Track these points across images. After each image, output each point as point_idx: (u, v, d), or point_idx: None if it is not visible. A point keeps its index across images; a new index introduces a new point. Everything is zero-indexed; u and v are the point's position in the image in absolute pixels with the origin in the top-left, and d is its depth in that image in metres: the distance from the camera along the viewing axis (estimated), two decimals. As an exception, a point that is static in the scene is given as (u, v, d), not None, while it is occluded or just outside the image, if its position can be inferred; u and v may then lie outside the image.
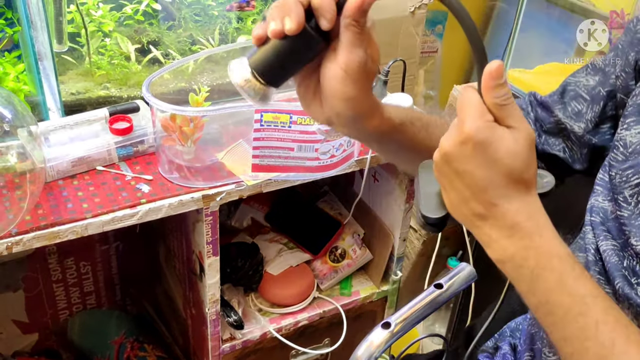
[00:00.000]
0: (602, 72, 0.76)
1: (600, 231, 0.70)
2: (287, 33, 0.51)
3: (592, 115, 0.77)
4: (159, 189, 0.94)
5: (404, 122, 0.67)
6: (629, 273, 0.65)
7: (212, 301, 1.07)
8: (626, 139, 0.68)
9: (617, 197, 0.67)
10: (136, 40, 1.14)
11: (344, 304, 1.27)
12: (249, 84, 0.53)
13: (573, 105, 0.78)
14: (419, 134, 0.69)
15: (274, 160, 0.97)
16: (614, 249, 0.67)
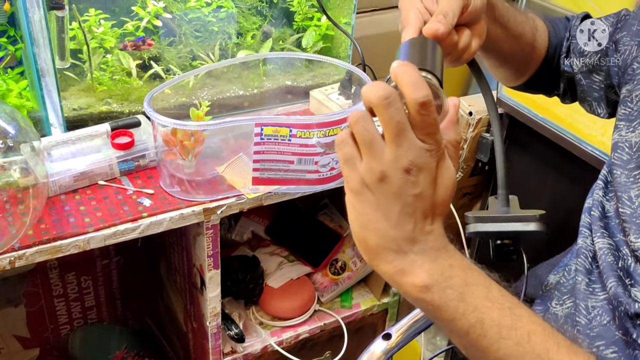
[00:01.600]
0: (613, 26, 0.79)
1: (597, 227, 0.70)
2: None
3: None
4: (160, 203, 0.95)
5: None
6: (624, 274, 0.66)
7: (213, 314, 1.07)
8: (631, 140, 0.69)
9: (622, 196, 0.67)
10: (137, 56, 1.15)
11: (344, 317, 1.27)
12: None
13: (583, 44, 0.83)
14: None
15: (274, 173, 0.98)
16: (609, 248, 0.68)
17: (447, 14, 0.62)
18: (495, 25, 0.76)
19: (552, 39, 0.86)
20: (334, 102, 1.19)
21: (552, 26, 0.87)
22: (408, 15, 0.63)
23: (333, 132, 0.96)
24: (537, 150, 1.40)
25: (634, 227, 0.65)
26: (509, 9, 0.78)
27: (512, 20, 0.79)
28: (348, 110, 0.96)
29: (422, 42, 0.59)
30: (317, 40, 1.30)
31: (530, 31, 0.83)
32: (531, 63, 0.87)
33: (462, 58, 0.69)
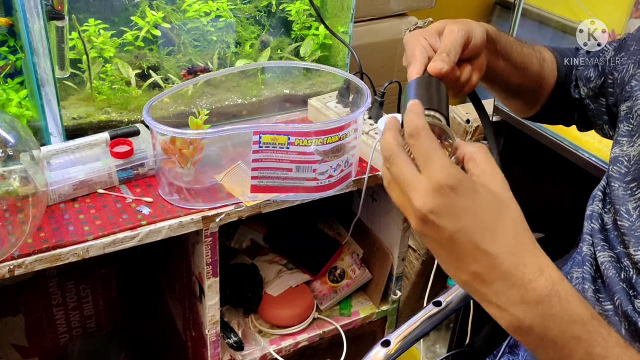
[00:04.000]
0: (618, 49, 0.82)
1: (598, 240, 0.71)
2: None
3: (594, 86, 0.84)
4: (159, 211, 0.96)
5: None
6: (627, 286, 0.66)
7: (212, 323, 1.07)
8: (631, 154, 0.70)
9: (620, 209, 0.68)
10: (137, 65, 1.16)
11: (344, 325, 1.27)
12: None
13: (588, 71, 0.85)
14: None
15: (272, 181, 0.98)
16: (612, 260, 0.68)
17: (450, 53, 0.66)
18: (498, 58, 0.78)
19: (561, 70, 0.88)
20: (332, 111, 1.19)
21: (561, 57, 0.89)
22: (414, 51, 0.67)
23: (331, 140, 0.96)
24: (534, 158, 1.41)
25: (633, 239, 0.65)
26: (512, 43, 0.80)
27: (517, 53, 0.80)
28: (346, 118, 0.97)
29: (428, 82, 0.63)
30: (315, 49, 1.31)
31: (537, 62, 0.85)
32: (541, 94, 0.89)
33: (464, 91, 0.72)
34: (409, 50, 0.69)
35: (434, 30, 0.70)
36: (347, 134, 0.98)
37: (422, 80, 0.64)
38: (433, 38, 0.69)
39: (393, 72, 1.69)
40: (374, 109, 1.16)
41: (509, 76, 0.81)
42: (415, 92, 0.62)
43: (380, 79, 1.29)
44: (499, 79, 0.81)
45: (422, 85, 0.63)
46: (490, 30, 0.74)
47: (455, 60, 0.66)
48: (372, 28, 1.66)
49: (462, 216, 0.48)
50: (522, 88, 0.86)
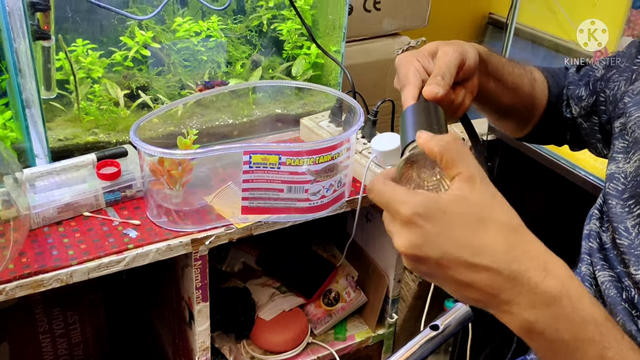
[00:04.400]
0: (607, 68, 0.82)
1: (597, 259, 0.69)
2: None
3: (586, 105, 0.83)
4: (146, 234, 0.93)
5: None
6: (629, 305, 0.64)
7: (202, 349, 1.04)
8: (627, 170, 0.68)
9: (618, 227, 0.66)
10: (125, 85, 1.14)
11: (339, 349, 1.23)
12: None
13: (579, 90, 0.84)
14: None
15: (263, 202, 0.96)
16: (612, 280, 0.66)
17: (444, 76, 0.64)
18: (489, 79, 0.77)
19: (552, 89, 0.87)
20: (324, 130, 1.17)
21: (551, 77, 0.88)
22: (407, 74, 0.65)
23: (323, 160, 0.94)
24: (530, 177, 1.39)
25: (632, 258, 0.63)
26: (504, 64, 0.79)
27: (507, 73, 0.79)
28: (338, 137, 0.95)
29: (426, 107, 0.61)
30: (307, 68, 1.29)
31: (528, 83, 0.84)
32: (532, 114, 0.88)
33: (456, 114, 0.70)
34: (401, 73, 0.67)
35: (426, 52, 0.69)
36: (339, 153, 0.96)
37: (420, 105, 0.63)
38: (426, 60, 0.68)
39: (385, 91, 1.67)
40: (366, 127, 1.15)
41: (500, 97, 0.80)
42: (414, 119, 0.60)
43: (373, 97, 1.27)
44: (490, 99, 0.80)
45: (420, 111, 0.61)
46: (481, 51, 0.73)
47: (450, 83, 0.65)
48: (364, 47, 1.65)
49: (439, 240, 0.46)
50: (514, 108, 0.84)
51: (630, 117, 0.70)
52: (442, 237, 0.46)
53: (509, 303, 0.47)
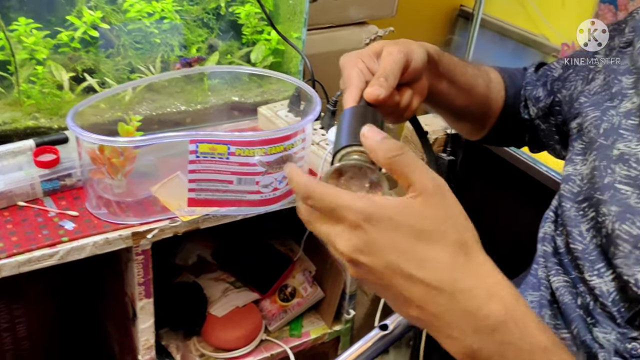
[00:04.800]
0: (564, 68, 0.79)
1: (552, 264, 0.66)
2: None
3: (544, 106, 0.80)
4: (84, 227, 0.87)
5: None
6: (584, 312, 0.61)
7: (146, 347, 0.99)
8: (583, 172, 0.65)
9: (572, 231, 0.63)
10: (70, 68, 1.07)
11: (293, 346, 1.19)
12: None
13: (537, 90, 0.82)
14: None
15: (211, 194, 0.91)
16: (566, 286, 0.64)
17: (388, 77, 0.60)
18: (441, 80, 0.73)
19: (509, 90, 0.84)
20: (282, 119, 1.13)
21: (508, 77, 0.85)
22: (350, 75, 0.62)
23: (275, 150, 0.90)
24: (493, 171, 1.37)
25: (587, 264, 0.60)
26: (456, 64, 0.75)
27: (460, 74, 0.76)
28: (291, 127, 0.91)
29: (363, 112, 0.58)
30: (267, 54, 1.24)
31: (483, 83, 0.81)
32: (489, 115, 0.85)
33: (404, 116, 0.66)
34: (344, 74, 0.63)
35: (371, 52, 0.65)
36: (293, 143, 0.92)
37: (357, 110, 0.59)
38: (371, 60, 0.64)
39: (352, 82, 1.63)
40: (325, 118, 1.10)
41: (454, 98, 0.77)
42: (349, 124, 0.56)
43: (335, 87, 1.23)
44: (443, 101, 0.76)
45: (356, 116, 0.57)
46: (431, 51, 0.69)
47: (393, 85, 0.61)
48: (330, 36, 1.60)
49: (385, 249, 0.42)
50: (469, 110, 0.81)
51: (586, 117, 0.67)
52: (388, 244, 0.43)
53: (451, 325, 0.43)
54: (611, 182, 0.60)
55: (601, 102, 0.68)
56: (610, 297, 0.59)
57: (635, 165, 0.59)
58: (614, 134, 0.63)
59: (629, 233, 0.56)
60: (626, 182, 0.59)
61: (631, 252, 0.56)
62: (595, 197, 0.61)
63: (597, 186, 0.62)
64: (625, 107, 0.64)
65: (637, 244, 0.56)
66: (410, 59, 0.64)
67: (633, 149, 0.61)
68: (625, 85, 0.66)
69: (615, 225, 0.58)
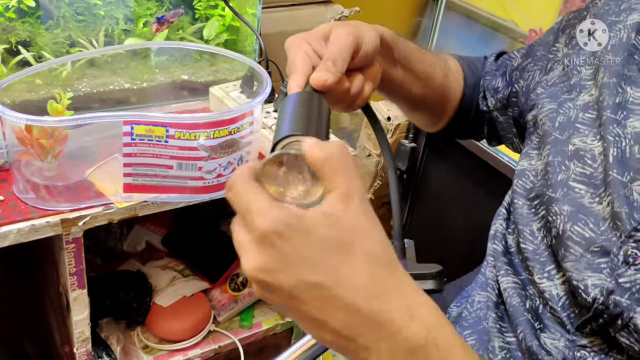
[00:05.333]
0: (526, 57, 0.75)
1: (501, 263, 0.62)
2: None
3: (502, 97, 0.76)
4: (9, 212, 0.80)
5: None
6: (532, 316, 0.57)
7: (81, 340, 0.93)
8: (538, 167, 0.61)
9: (523, 229, 0.59)
10: (4, 39, 0.99)
11: (243, 338, 1.15)
12: None
13: (496, 80, 0.78)
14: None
15: (149, 179, 0.85)
16: (515, 287, 0.60)
17: (336, 61, 0.56)
18: (395, 67, 0.69)
19: (468, 79, 0.80)
20: (234, 101, 1.07)
21: (467, 66, 0.81)
22: (295, 59, 0.56)
23: (219, 134, 0.84)
24: (454, 159, 1.33)
25: (537, 265, 0.56)
26: (412, 50, 0.71)
27: (417, 61, 0.71)
28: (237, 109, 0.85)
29: (308, 99, 0.53)
30: (220, 31, 1.17)
31: (441, 72, 0.76)
32: (446, 105, 0.80)
33: (355, 104, 0.62)
34: (289, 58, 0.58)
35: (319, 35, 0.60)
36: (239, 127, 0.86)
37: (302, 96, 0.54)
38: (318, 43, 0.59)
39: (316, 63, 1.58)
40: (278, 100, 1.05)
41: (410, 87, 0.72)
42: (293, 112, 0.52)
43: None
44: (398, 89, 0.72)
45: (300, 103, 0.53)
46: (386, 35, 0.64)
47: (342, 70, 0.56)
48: (292, 14, 1.54)
49: (297, 265, 0.37)
50: (426, 99, 0.76)
51: (542, 109, 0.63)
52: (299, 261, 0.37)
53: (368, 349, 0.39)
54: (564, 180, 0.56)
55: (559, 94, 0.64)
56: (560, 302, 0.55)
57: (591, 162, 0.56)
58: (569, 128, 0.59)
59: (581, 235, 0.53)
60: (580, 180, 0.56)
61: (582, 256, 0.52)
62: (547, 195, 0.57)
63: (549, 183, 0.58)
64: (582, 99, 0.61)
65: (589, 247, 0.52)
66: (361, 42, 0.59)
67: (589, 145, 0.57)
68: (584, 76, 0.62)
69: (566, 226, 0.54)
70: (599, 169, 0.55)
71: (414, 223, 1.57)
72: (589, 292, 0.50)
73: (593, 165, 0.55)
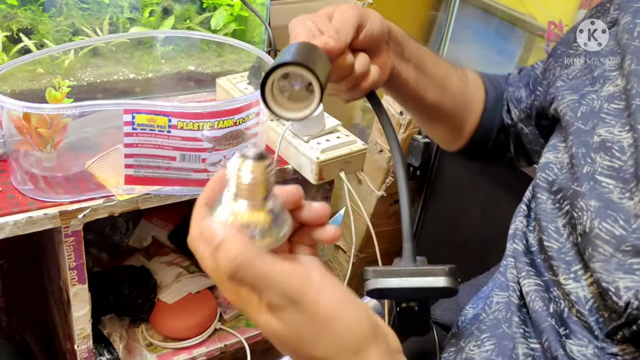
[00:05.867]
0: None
1: (522, 264, 0.58)
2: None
3: (525, 106, 0.73)
4: (5, 203, 0.78)
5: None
6: (557, 321, 0.53)
7: (82, 337, 0.90)
8: (564, 161, 0.57)
9: (547, 226, 0.55)
10: (4, 27, 0.97)
11: (249, 337, 1.11)
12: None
13: (519, 92, 0.75)
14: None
15: (152, 171, 0.82)
16: (538, 290, 0.55)
17: (339, 31, 0.55)
18: (407, 65, 0.66)
19: (489, 92, 0.76)
20: (241, 92, 1.03)
21: (489, 80, 0.78)
22: (298, 31, 0.55)
23: (224, 125, 0.81)
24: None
25: (562, 265, 0.52)
26: (425, 52, 0.69)
27: (431, 63, 0.69)
28: (242, 99, 0.81)
29: (312, 49, 0.51)
30: (228, 21, 1.14)
31: (458, 79, 0.73)
32: (466, 118, 0.76)
33: (361, 86, 0.59)
34: (292, 35, 0.56)
35: (323, 14, 0.59)
36: (244, 117, 0.82)
37: (305, 44, 0.51)
38: (322, 22, 0.57)
39: (328, 57, 1.54)
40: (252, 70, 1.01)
41: (424, 90, 0.69)
42: (295, 49, 0.50)
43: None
44: (412, 92, 0.69)
45: (303, 47, 0.50)
46: (394, 29, 0.63)
47: (345, 41, 0.55)
48: (305, 6, 1.50)
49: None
50: (443, 108, 0.73)
51: (562, 100, 0.60)
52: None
53: None
54: (590, 172, 0.52)
55: (580, 87, 0.60)
56: (588, 305, 0.51)
57: (620, 154, 0.51)
58: (593, 118, 0.55)
59: (611, 233, 0.48)
60: (608, 174, 0.51)
61: (612, 256, 0.47)
62: (572, 188, 0.53)
63: (575, 176, 0.53)
64: (607, 90, 0.57)
65: (619, 246, 0.47)
66: (366, 20, 0.58)
67: (616, 136, 0.52)
68: (607, 67, 0.59)
69: (594, 223, 0.49)
70: (629, 162, 0.51)
71: (427, 221, 1.52)
72: (621, 296, 0.46)
73: (622, 158, 0.51)
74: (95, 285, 0.95)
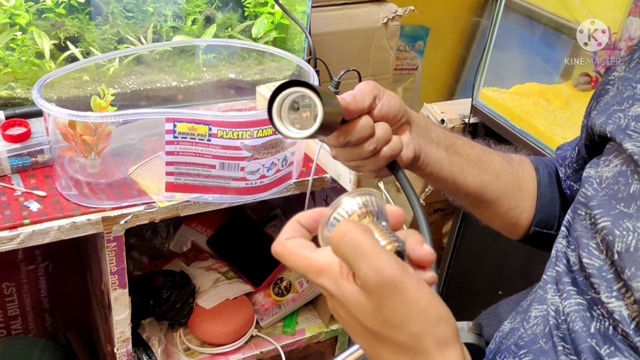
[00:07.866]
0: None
1: (564, 285, 0.56)
2: None
3: (570, 161, 0.71)
4: (50, 208, 0.80)
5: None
6: (598, 341, 0.51)
7: (122, 340, 0.92)
8: (603, 175, 0.55)
9: (588, 244, 0.53)
10: (53, 35, 1.00)
11: (285, 344, 1.11)
12: None
13: (564, 148, 0.73)
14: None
15: (192, 179, 0.82)
16: (579, 310, 0.53)
17: (356, 95, 0.57)
18: (437, 148, 0.66)
19: (539, 168, 0.73)
20: (281, 100, 1.03)
21: (534, 159, 0.75)
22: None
23: (263, 134, 0.81)
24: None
25: (604, 283, 0.50)
26: (455, 135, 0.68)
27: (463, 143, 0.68)
28: (282, 107, 0.81)
29: (330, 91, 0.54)
30: (269, 29, 1.15)
31: (498, 156, 0.71)
32: (519, 196, 0.73)
33: (383, 151, 0.59)
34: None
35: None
36: (284, 126, 0.82)
37: (324, 88, 0.53)
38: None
39: (368, 64, 1.53)
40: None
41: (462, 170, 0.67)
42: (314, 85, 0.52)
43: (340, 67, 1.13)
44: (449, 173, 0.67)
45: (321, 87, 0.52)
46: (415, 113, 0.64)
47: (361, 102, 0.56)
48: (346, 13, 1.50)
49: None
50: (490, 188, 0.70)
51: (594, 124, 0.58)
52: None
53: None
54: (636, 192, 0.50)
55: (608, 108, 0.58)
56: (632, 324, 0.49)
57: None
58: (620, 134, 0.54)
59: None
60: None
61: None
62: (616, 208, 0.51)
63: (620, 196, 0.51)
64: (635, 110, 0.55)
65: None
66: (382, 93, 0.60)
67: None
68: (639, 91, 0.57)
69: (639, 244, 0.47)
70: None
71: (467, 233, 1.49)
72: None
73: None
74: (135, 289, 0.96)
